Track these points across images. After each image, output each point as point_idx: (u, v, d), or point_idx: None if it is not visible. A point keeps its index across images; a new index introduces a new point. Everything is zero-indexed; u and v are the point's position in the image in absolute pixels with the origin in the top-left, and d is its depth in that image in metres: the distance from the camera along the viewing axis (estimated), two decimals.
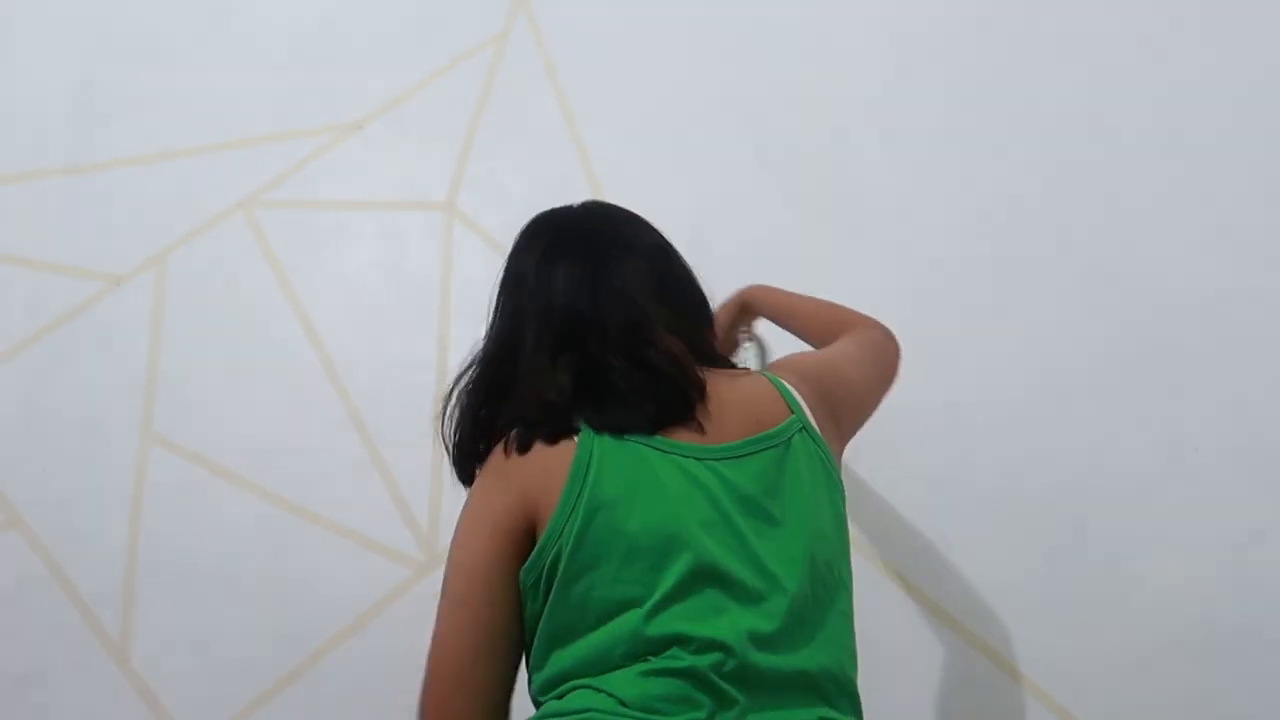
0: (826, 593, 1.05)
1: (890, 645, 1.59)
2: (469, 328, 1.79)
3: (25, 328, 1.83)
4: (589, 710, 0.95)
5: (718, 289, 1.80)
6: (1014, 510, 1.65)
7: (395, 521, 1.72)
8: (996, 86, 1.87)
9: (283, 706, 1.65)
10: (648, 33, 1.94)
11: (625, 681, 0.97)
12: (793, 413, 1.12)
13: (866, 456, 1.60)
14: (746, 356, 1.64)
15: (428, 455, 1.74)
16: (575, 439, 1.05)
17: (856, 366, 1.29)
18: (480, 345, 1.19)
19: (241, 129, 1.92)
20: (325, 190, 1.89)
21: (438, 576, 1.66)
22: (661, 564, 1.00)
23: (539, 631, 1.03)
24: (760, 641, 0.98)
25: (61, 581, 1.71)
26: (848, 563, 1.12)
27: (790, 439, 1.10)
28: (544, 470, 1.04)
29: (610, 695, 0.96)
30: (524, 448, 1.06)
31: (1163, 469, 1.65)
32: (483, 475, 1.11)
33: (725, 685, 0.96)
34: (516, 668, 1.07)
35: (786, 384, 1.15)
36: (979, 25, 1.90)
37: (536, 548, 1.02)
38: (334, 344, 1.81)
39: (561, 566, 1.00)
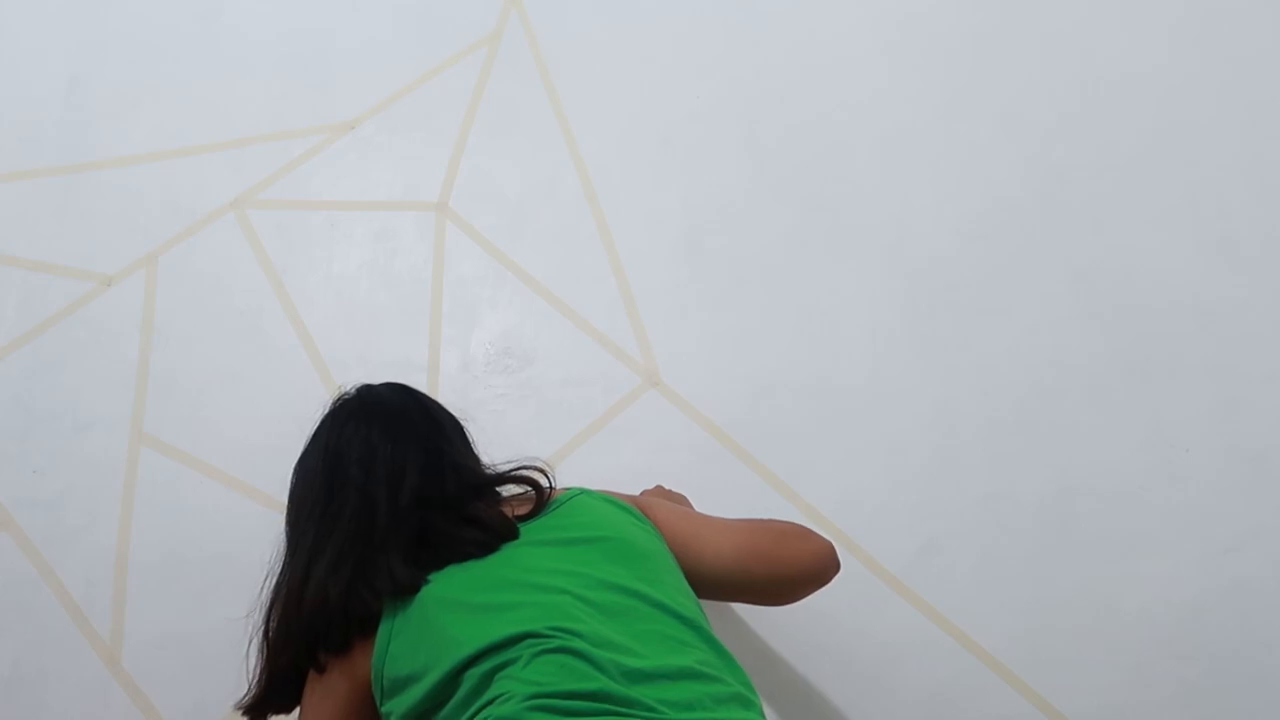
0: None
1: (882, 646, 1.59)
2: (461, 328, 1.80)
3: (16, 327, 1.82)
4: None
5: (711, 287, 1.81)
6: (1005, 511, 1.65)
7: None
8: (990, 88, 1.87)
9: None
10: (640, 32, 1.94)
11: None
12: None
13: (859, 458, 1.60)
14: None
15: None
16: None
17: (709, 528, 1.27)
18: (289, 555, 1.29)
19: (233, 129, 1.92)
20: (317, 190, 1.89)
21: None
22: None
23: None
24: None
25: (51, 582, 1.70)
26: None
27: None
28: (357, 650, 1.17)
29: None
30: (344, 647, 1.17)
31: (1154, 470, 1.66)
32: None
33: None
34: None
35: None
36: (972, 27, 1.90)
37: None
38: (326, 344, 1.80)
39: None
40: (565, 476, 1.33)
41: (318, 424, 1.33)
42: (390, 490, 1.20)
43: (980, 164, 1.83)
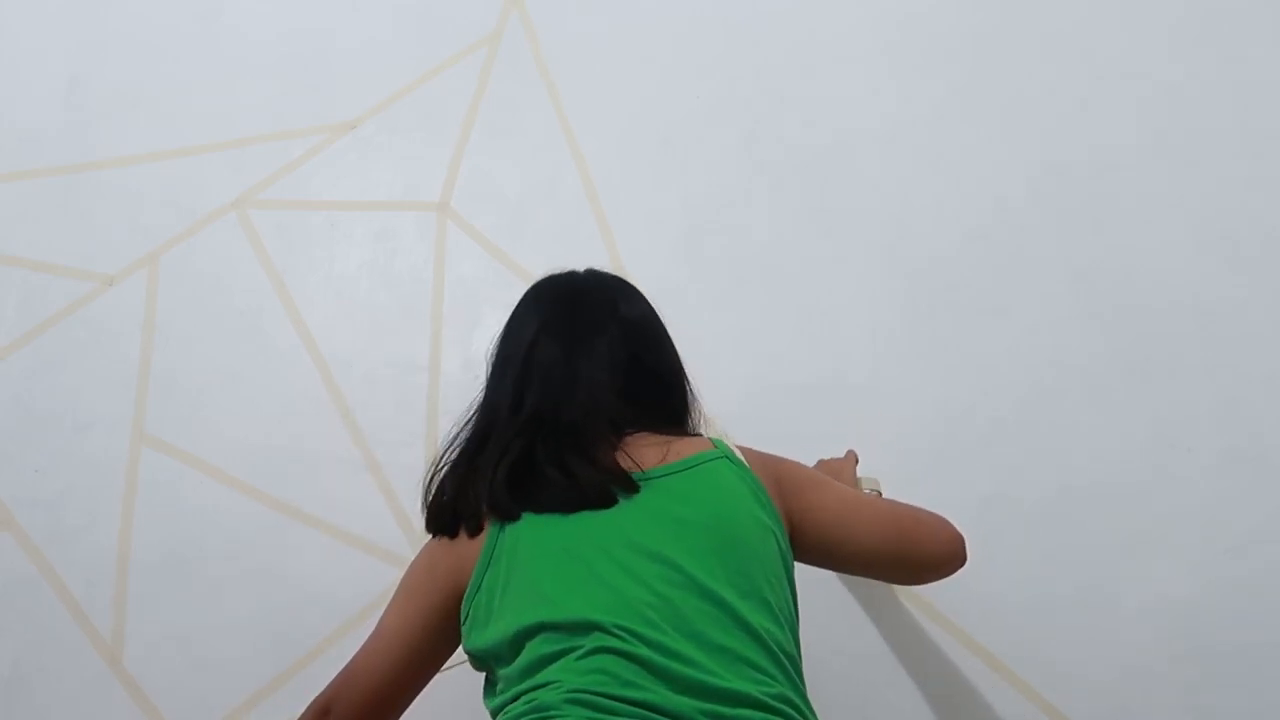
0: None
1: (886, 647, 1.59)
2: (462, 328, 1.80)
3: (17, 327, 1.83)
4: None
5: (711, 287, 1.81)
6: (1006, 511, 1.65)
7: (388, 522, 1.72)
8: (989, 88, 1.87)
9: (274, 707, 1.64)
10: (640, 32, 1.94)
11: None
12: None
13: (861, 460, 1.60)
14: None
15: (421, 455, 1.74)
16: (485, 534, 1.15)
17: (843, 504, 1.25)
18: (474, 410, 1.25)
19: (234, 129, 1.92)
20: (318, 190, 1.89)
21: None
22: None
23: None
24: None
25: (53, 581, 1.70)
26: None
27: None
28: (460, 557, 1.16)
29: None
30: (453, 534, 1.17)
31: (1157, 471, 1.65)
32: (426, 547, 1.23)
33: None
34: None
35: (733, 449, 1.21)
36: (972, 27, 1.90)
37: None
38: (327, 344, 1.81)
39: None
40: None
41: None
42: (515, 398, 1.19)
43: (980, 164, 1.83)
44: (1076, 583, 1.62)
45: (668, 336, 1.31)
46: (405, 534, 1.72)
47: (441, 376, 1.78)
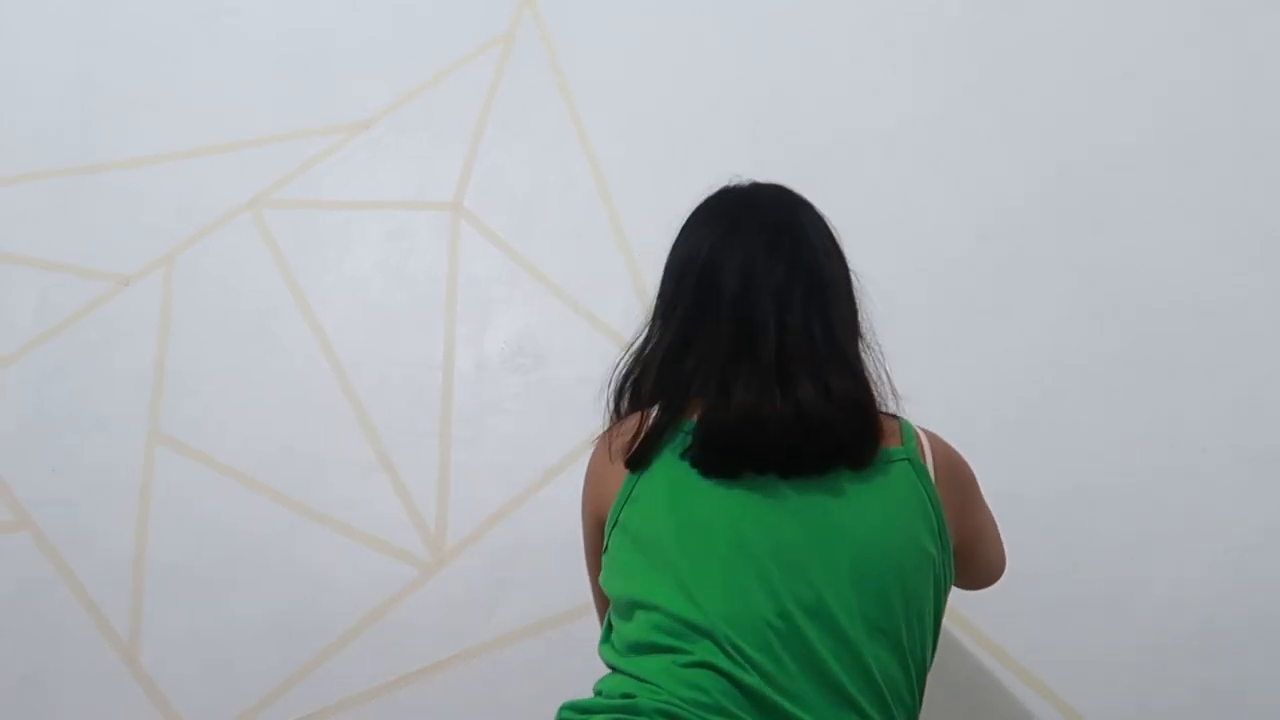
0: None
1: None
2: (475, 327, 1.80)
3: (34, 328, 1.83)
4: None
5: None
6: (1020, 511, 1.65)
7: (403, 522, 1.72)
8: (995, 88, 1.87)
9: (290, 706, 1.65)
10: (652, 32, 1.94)
11: None
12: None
13: None
14: None
15: (435, 455, 1.74)
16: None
17: (982, 539, 1.22)
18: (661, 318, 1.17)
19: (248, 129, 1.92)
20: (332, 190, 1.89)
21: (445, 576, 1.69)
22: None
23: None
24: None
25: (70, 582, 1.71)
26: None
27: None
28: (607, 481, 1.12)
29: None
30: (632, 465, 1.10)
31: (1168, 468, 1.65)
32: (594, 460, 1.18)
33: None
34: None
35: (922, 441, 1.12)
36: (976, 26, 1.90)
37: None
38: (341, 344, 1.81)
39: None
40: (576, 476, 1.33)
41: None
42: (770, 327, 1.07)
43: (984, 164, 1.82)
44: (1091, 581, 1.61)
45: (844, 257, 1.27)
46: (420, 534, 1.72)
47: (455, 375, 1.78)
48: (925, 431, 1.13)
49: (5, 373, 1.81)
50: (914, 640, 1.03)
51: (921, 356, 1.74)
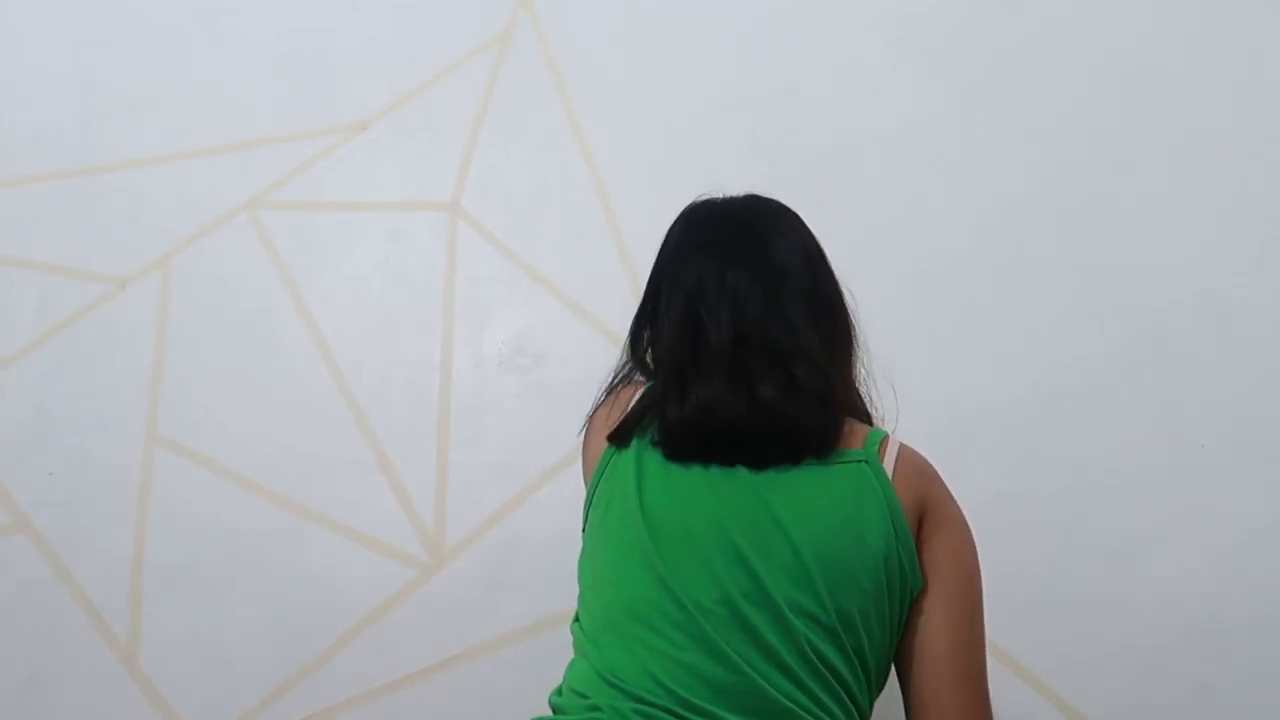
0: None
1: None
2: (473, 328, 1.80)
3: (32, 330, 1.83)
4: None
5: None
6: (1020, 510, 1.65)
7: (401, 523, 1.72)
8: (996, 87, 1.87)
9: (289, 707, 1.65)
10: (649, 32, 1.94)
11: None
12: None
13: None
14: None
15: (433, 456, 1.74)
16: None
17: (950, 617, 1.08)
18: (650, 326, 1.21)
19: (246, 130, 1.92)
20: (329, 191, 1.89)
21: (444, 577, 1.69)
22: None
23: None
24: None
25: (68, 584, 1.71)
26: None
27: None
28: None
29: None
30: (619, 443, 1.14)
31: (1169, 466, 1.65)
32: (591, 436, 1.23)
33: None
34: None
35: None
36: (979, 25, 1.90)
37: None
38: (339, 345, 1.81)
39: None
40: (575, 476, 1.33)
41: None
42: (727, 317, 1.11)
43: (984, 163, 1.83)
44: (1091, 580, 1.61)
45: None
46: (418, 534, 1.72)
47: (453, 376, 1.78)
48: (901, 444, 1.12)
49: (4, 374, 1.81)
50: (855, 637, 1.01)
51: (922, 356, 1.74)
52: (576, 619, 1.11)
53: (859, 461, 1.07)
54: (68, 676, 1.67)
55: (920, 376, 1.73)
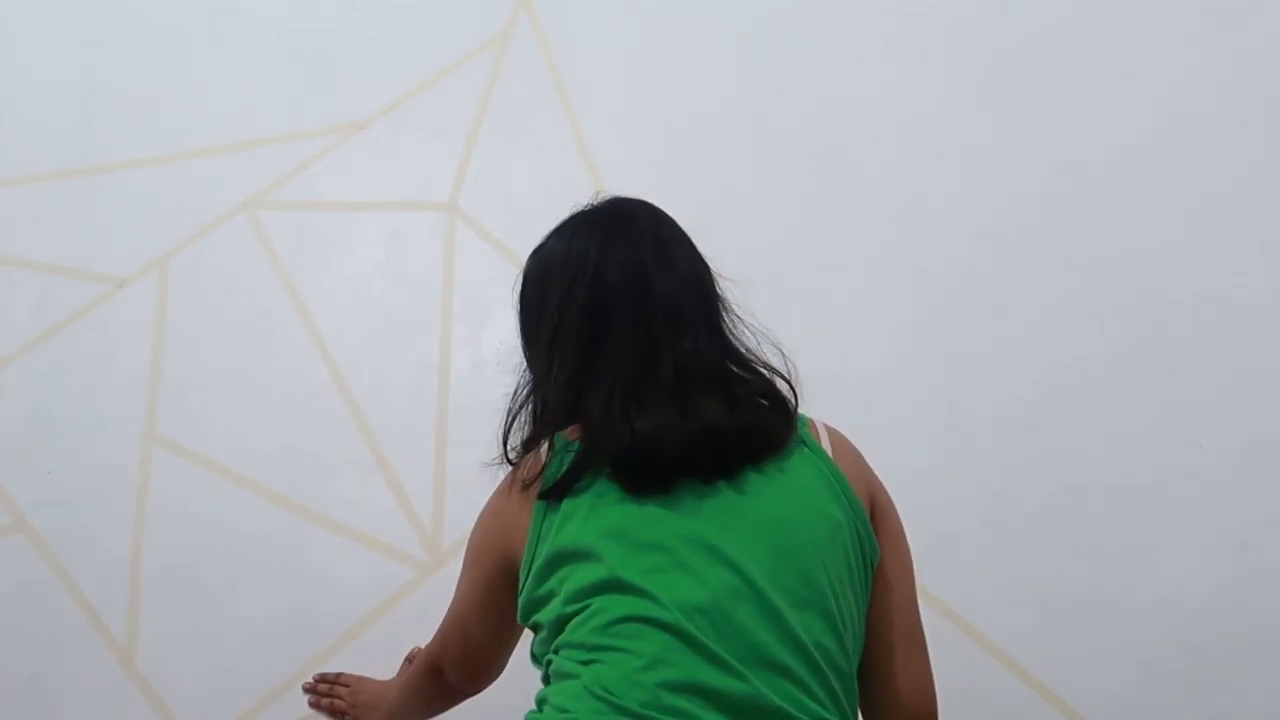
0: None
1: None
2: (472, 327, 1.80)
3: (30, 330, 1.83)
4: None
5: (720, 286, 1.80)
6: (1020, 510, 1.65)
7: (400, 522, 1.72)
8: (997, 86, 1.87)
9: (288, 708, 1.65)
10: (649, 32, 1.94)
11: None
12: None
13: (868, 456, 1.59)
14: None
15: (431, 456, 1.74)
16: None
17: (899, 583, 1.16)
18: (546, 348, 1.19)
19: (244, 130, 1.92)
20: (328, 191, 1.89)
21: (442, 576, 1.69)
22: None
23: None
24: None
25: (66, 583, 1.71)
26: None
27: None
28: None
29: None
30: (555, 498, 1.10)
31: (1168, 465, 1.65)
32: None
33: None
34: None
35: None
36: (980, 23, 1.90)
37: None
38: (337, 345, 1.81)
39: None
40: None
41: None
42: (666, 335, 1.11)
43: (987, 162, 1.83)
44: (1089, 579, 1.61)
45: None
46: (417, 534, 1.72)
47: (452, 376, 1.78)
48: (825, 424, 1.17)
49: (4, 374, 1.81)
50: (843, 606, 1.05)
51: (922, 356, 1.74)
52: (548, 661, 1.09)
53: (798, 444, 1.11)
54: (67, 676, 1.67)
55: (920, 376, 1.73)
